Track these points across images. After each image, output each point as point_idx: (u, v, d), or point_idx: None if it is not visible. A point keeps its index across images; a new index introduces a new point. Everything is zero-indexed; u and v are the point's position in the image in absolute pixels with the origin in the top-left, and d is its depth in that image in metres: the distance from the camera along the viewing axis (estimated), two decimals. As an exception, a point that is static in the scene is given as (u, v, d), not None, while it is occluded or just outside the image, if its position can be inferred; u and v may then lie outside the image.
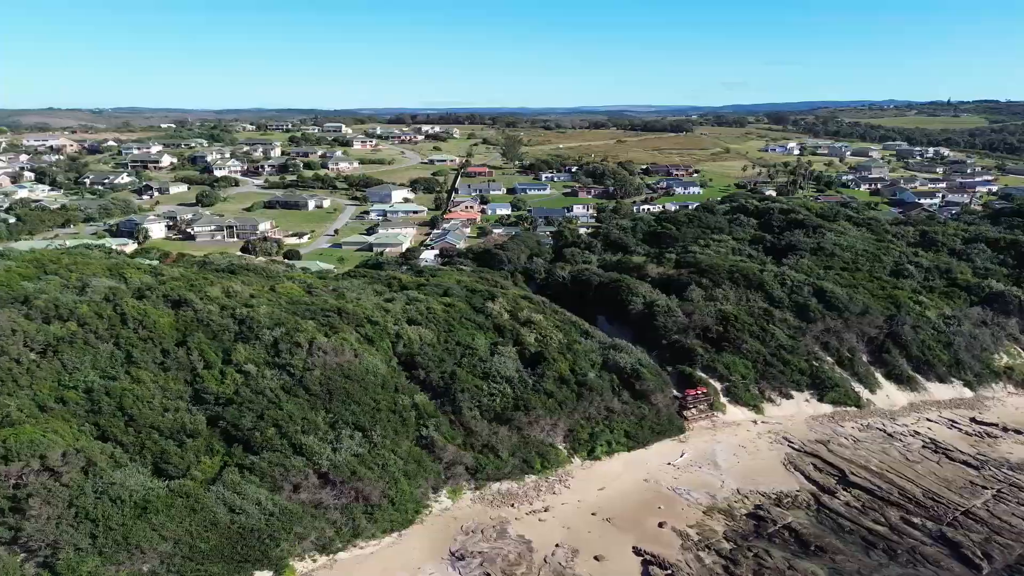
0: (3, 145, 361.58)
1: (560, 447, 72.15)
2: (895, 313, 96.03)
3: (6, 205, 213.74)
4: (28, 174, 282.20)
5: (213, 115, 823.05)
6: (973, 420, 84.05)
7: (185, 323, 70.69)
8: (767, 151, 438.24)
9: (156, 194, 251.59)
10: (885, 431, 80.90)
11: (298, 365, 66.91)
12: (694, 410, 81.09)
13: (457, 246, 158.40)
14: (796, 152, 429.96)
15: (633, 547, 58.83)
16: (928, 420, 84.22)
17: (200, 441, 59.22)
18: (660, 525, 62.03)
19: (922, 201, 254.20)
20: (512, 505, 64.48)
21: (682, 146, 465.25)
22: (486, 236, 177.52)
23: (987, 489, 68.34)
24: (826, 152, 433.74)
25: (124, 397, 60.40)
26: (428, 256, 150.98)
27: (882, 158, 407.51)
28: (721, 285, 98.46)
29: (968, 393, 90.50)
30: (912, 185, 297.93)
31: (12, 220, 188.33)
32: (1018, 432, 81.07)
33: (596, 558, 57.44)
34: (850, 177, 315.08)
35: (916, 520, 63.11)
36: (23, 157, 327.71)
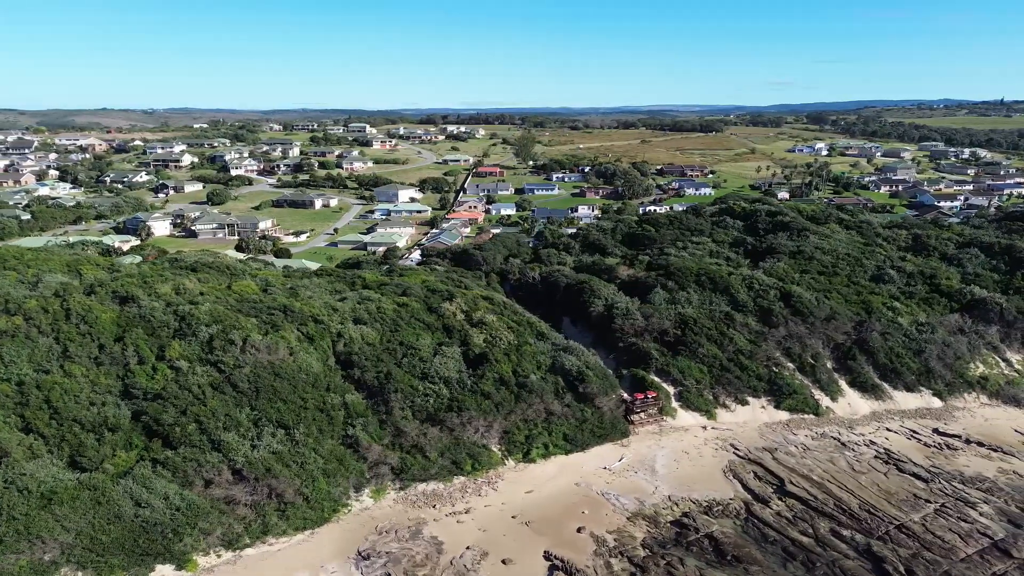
0: (35, 144, 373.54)
1: (494, 449, 71.73)
2: (865, 319, 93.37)
3: (24, 202, 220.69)
4: (53, 172, 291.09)
5: (260, 115, 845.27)
6: (936, 431, 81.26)
7: (127, 319, 71.99)
8: (794, 151, 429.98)
9: (171, 192, 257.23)
10: (839, 440, 78.70)
11: (229, 362, 67.65)
12: (642, 414, 79.91)
13: (451, 245, 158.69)
14: (824, 153, 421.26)
15: (544, 551, 58.25)
16: (888, 430, 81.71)
17: (120, 435, 60.30)
18: (579, 530, 61.30)
19: (942, 204, 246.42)
20: (434, 506, 64.34)
21: (707, 146, 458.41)
22: (481, 235, 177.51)
23: (930, 503, 66.01)
24: (856, 153, 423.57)
25: (52, 391, 61.74)
26: (416, 256, 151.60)
27: (913, 159, 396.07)
28: (687, 288, 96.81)
29: (937, 403, 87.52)
30: (936, 187, 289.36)
31: (26, 217, 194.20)
32: (981, 445, 78.14)
33: (504, 561, 56.98)
34: (872, 178, 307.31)
35: (846, 532, 61.28)
36: (52, 156, 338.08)
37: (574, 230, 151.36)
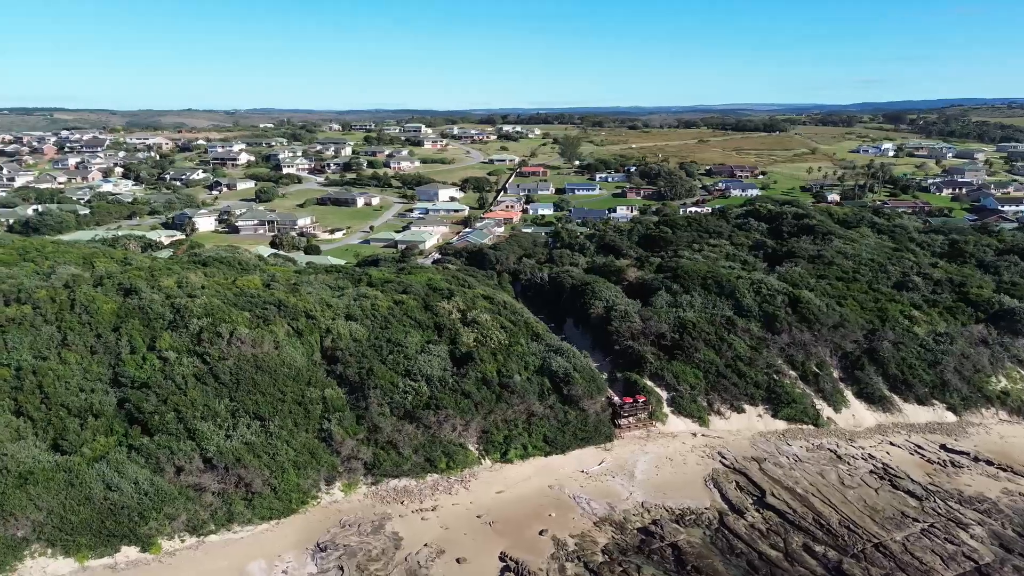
0: (107, 142, 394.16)
1: (471, 448, 71.86)
2: (878, 327, 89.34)
3: (87, 198, 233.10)
4: (119, 170, 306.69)
5: (333, 115, 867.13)
6: (943, 447, 77.18)
7: (127, 310, 75.28)
8: (858, 152, 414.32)
9: (224, 189, 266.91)
10: (835, 452, 75.64)
11: (214, 354, 69.96)
12: (631, 419, 78.64)
13: (473, 244, 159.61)
14: (891, 153, 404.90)
15: (501, 552, 58.11)
16: (891, 444, 78.07)
17: (103, 421, 63.11)
18: (541, 533, 60.90)
19: (1006, 208, 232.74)
20: (402, 502, 65.00)
21: (767, 146, 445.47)
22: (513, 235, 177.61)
23: (918, 522, 62.80)
24: (924, 153, 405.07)
25: (45, 376, 65.19)
26: (439, 255, 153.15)
27: (986, 160, 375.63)
28: (692, 291, 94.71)
29: (951, 417, 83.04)
30: (1004, 190, 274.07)
31: (84, 212, 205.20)
32: (990, 463, 73.79)
33: (458, 560, 57.12)
34: (936, 180, 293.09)
35: (818, 548, 58.93)
36: (121, 154, 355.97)
37: (593, 230, 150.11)
